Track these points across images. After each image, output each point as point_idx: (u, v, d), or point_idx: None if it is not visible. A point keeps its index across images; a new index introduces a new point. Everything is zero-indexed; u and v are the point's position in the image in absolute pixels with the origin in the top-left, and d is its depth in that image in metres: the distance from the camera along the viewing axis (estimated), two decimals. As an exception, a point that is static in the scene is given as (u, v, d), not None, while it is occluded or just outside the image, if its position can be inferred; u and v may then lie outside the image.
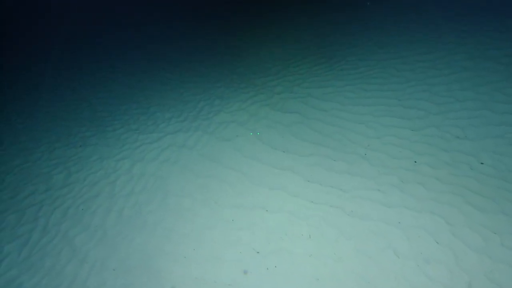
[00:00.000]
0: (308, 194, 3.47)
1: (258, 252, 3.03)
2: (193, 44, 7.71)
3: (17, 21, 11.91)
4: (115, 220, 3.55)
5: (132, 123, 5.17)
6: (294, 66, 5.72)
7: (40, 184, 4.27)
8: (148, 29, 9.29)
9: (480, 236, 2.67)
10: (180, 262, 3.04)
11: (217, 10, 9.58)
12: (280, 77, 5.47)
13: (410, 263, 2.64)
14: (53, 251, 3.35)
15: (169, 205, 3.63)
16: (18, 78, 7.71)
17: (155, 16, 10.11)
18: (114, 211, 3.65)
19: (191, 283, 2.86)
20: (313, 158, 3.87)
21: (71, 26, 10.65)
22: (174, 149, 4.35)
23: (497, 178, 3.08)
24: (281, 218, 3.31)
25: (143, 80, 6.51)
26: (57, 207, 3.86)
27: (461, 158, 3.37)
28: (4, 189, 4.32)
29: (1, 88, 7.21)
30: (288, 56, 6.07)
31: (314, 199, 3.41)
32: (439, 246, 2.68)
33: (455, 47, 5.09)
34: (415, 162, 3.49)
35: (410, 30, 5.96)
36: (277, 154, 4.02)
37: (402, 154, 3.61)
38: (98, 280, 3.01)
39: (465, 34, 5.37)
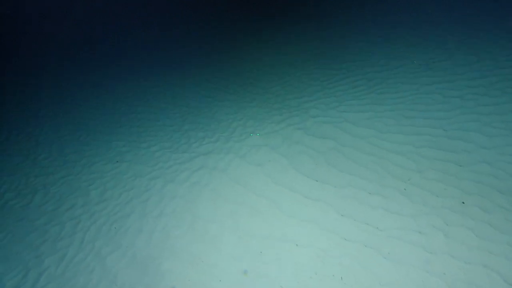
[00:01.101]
0: (341, 230, 3.29)
1: (285, 292, 2.89)
2: (227, 60, 7.81)
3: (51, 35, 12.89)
4: (145, 242, 3.60)
5: (166, 141, 5.29)
6: (331, 87, 5.56)
7: (79, 198, 4.48)
8: (186, 45, 9.59)
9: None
10: (205, 294, 2.99)
11: (251, 26, 9.67)
12: (315, 99, 5.33)
13: (456, 324, 2.37)
14: (86, 269, 3.45)
15: (197, 231, 3.61)
16: (65, 94, 8.28)
17: (194, 36, 10.43)
18: (144, 232, 3.70)
19: (215, 318, 2.79)
20: (347, 190, 3.67)
21: (113, 41, 11.31)
22: (205, 171, 4.36)
23: None
24: (311, 254, 3.15)
25: (178, 96, 6.68)
26: (92, 223, 4.01)
27: (518, 203, 3.01)
28: (49, 200, 4.58)
29: (52, 103, 7.77)
30: (324, 76, 5.92)
31: (347, 235, 3.22)
32: (491, 308, 2.38)
33: None
34: (463, 203, 3.17)
35: (460, 52, 5.56)
36: (309, 183, 3.88)
37: (448, 193, 3.30)
38: (125, 304, 3.04)
39: (523, 56, 4.89)
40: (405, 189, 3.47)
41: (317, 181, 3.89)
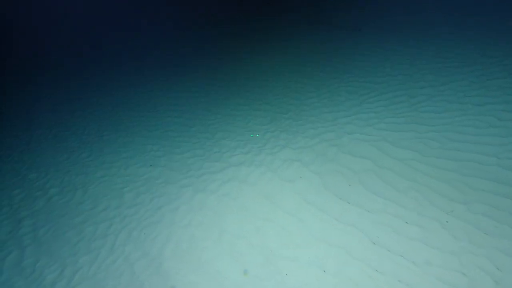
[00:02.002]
0: (373, 260, 3.09)
1: (310, 322, 2.77)
2: (263, 69, 7.78)
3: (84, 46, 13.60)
4: (172, 251, 3.64)
5: (199, 148, 5.36)
6: (370, 102, 5.30)
7: (113, 200, 4.66)
8: (226, 56, 9.71)
9: None
10: (227, 314, 2.95)
11: (296, 39, 9.56)
12: (352, 114, 5.12)
13: None
14: (115, 273, 3.57)
15: (224, 245, 3.59)
16: (108, 95, 8.73)
17: (228, 43, 10.54)
18: (172, 242, 3.76)
19: None
20: (382, 216, 3.45)
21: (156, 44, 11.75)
22: (235, 183, 4.34)
23: None
24: (339, 283, 2.99)
25: (213, 102, 6.76)
26: (124, 227, 4.14)
27: None
28: (86, 199, 4.83)
29: (97, 103, 8.24)
30: (363, 90, 5.67)
31: (379, 267, 3.01)
32: None
33: None
34: (517, 245, 2.84)
35: (517, 68, 5.06)
36: (341, 205, 3.70)
37: (499, 231, 2.98)
38: (149, 314, 3.09)
39: None
40: (447, 222, 3.19)
41: (349, 203, 3.70)
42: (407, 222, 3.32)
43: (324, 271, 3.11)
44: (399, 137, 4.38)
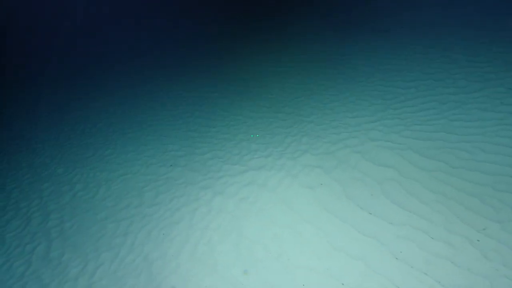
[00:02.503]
0: (395, 276, 2.96)
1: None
2: (286, 72, 7.69)
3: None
4: (189, 253, 3.67)
5: (219, 149, 5.37)
6: (396, 107, 5.10)
7: (134, 198, 4.77)
8: (253, 59, 9.68)
9: None
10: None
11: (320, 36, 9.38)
12: (377, 119, 4.94)
13: None
14: (134, 272, 3.65)
15: (241, 250, 3.57)
16: (131, 92, 8.95)
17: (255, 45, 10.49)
18: (189, 243, 3.78)
19: None
20: (405, 230, 3.31)
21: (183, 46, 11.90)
22: (255, 188, 4.31)
23: None
24: (358, 298, 2.90)
25: (236, 103, 6.75)
26: (144, 225, 4.22)
27: None
28: (108, 196, 4.97)
29: (122, 102, 8.47)
30: (389, 94, 5.46)
31: (402, 284, 2.89)
32: None
33: None
34: (556, 270, 2.62)
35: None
36: (362, 215, 3.58)
37: (535, 254, 2.76)
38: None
39: None
40: (478, 241, 3.00)
41: (371, 214, 3.57)
42: (432, 238, 3.15)
43: (342, 284, 3.02)
44: (426, 146, 4.17)
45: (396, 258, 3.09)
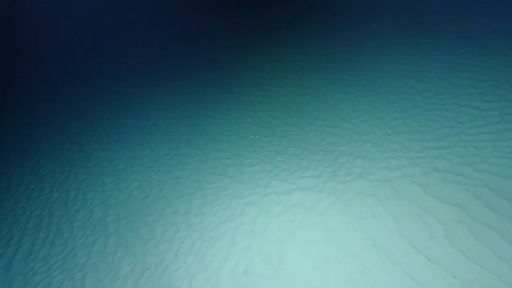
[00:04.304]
0: None
1: None
2: (348, 81, 7.24)
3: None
4: (229, 273, 3.65)
5: (268, 162, 5.26)
6: (471, 133, 4.43)
7: (183, 204, 4.92)
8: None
9: None
10: None
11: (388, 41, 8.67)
12: (446, 146, 4.36)
13: None
14: (176, 282, 3.75)
15: (282, 278, 3.44)
16: (192, 92, 9.27)
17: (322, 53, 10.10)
18: (230, 262, 3.76)
19: None
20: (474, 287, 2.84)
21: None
22: (301, 210, 4.12)
23: None
24: None
25: (292, 112, 6.57)
26: (189, 235, 4.33)
27: None
28: (160, 199, 5.21)
29: (182, 104, 8.85)
30: (464, 117, 4.77)
31: None
32: None
33: None
34: None
35: None
36: (419, 260, 3.17)
37: None
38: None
39: None
40: None
41: (429, 260, 3.15)
42: (509, 304, 2.66)
43: None
44: (507, 186, 3.54)
45: (459, 321, 2.67)
